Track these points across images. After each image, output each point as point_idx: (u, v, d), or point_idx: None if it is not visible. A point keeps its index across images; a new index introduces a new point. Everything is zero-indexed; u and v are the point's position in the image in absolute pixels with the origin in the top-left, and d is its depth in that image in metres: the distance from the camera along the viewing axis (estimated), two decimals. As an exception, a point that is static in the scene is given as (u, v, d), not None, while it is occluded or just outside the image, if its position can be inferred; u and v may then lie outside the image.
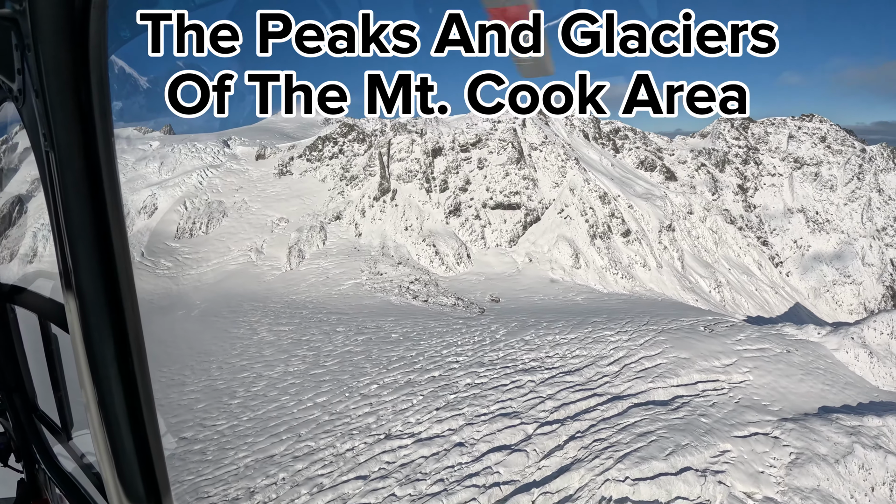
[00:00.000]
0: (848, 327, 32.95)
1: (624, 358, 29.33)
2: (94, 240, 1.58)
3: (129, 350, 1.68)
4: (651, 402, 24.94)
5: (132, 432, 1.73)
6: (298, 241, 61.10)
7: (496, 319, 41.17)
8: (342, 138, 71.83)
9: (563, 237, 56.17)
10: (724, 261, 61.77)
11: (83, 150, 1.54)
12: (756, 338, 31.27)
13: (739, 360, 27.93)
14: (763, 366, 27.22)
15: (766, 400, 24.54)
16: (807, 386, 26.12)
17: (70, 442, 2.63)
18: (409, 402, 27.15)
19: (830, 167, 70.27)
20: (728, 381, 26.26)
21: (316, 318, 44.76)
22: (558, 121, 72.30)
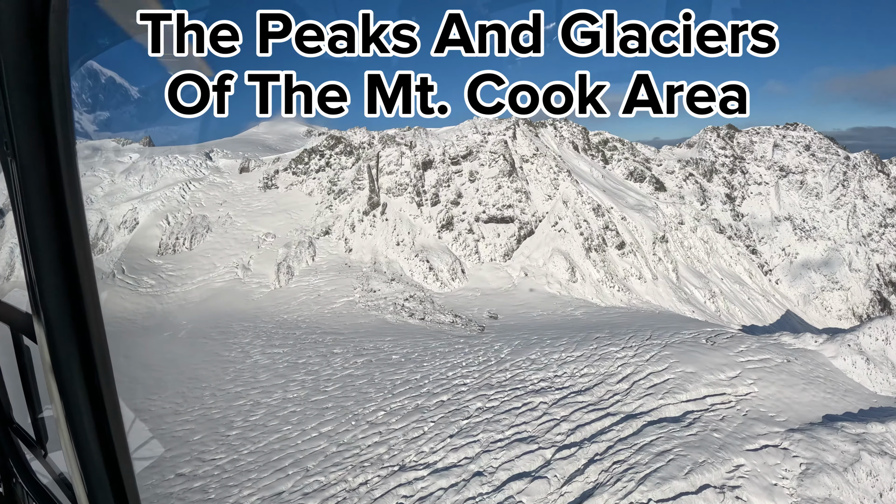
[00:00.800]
0: (844, 335, 33.30)
1: (632, 374, 29.14)
2: (57, 249, 1.57)
3: (94, 363, 1.66)
4: (664, 419, 24.91)
5: (101, 448, 1.73)
6: (287, 257, 59.60)
7: (498, 337, 40.40)
8: (329, 151, 70.53)
9: (558, 251, 55.64)
10: (716, 270, 61.94)
11: (45, 157, 1.52)
12: (756, 348, 31.42)
13: (743, 371, 28.13)
14: (766, 377, 27.44)
15: (773, 411, 24.77)
16: (809, 395, 26.41)
17: (46, 455, 2.60)
18: (420, 430, 26.25)
19: (815, 175, 71.17)
20: (734, 393, 26.37)
21: (311, 339, 43.46)
22: (547, 133, 72.00)
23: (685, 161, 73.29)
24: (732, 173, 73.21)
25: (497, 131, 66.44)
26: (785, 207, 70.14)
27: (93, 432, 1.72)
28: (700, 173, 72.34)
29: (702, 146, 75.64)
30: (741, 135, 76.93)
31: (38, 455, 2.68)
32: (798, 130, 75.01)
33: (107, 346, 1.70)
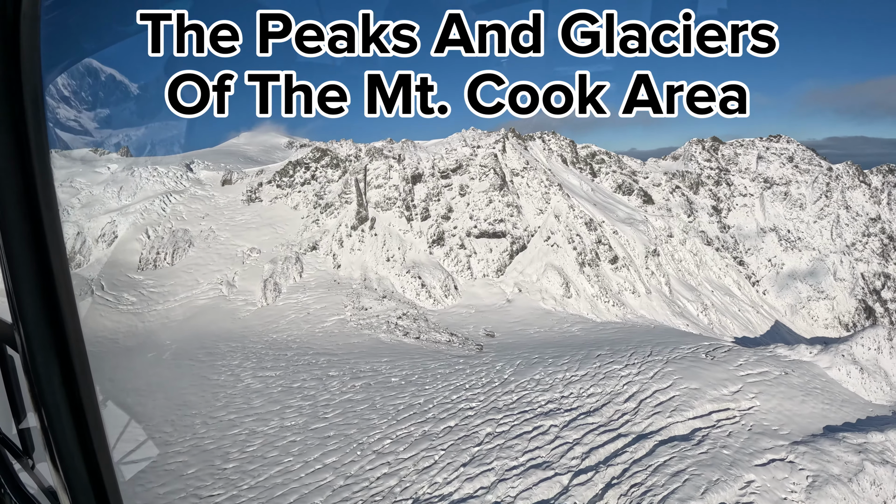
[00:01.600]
0: (837, 345, 34.32)
1: (638, 393, 29.09)
2: (33, 260, 1.57)
3: (74, 372, 1.66)
4: (674, 437, 25.13)
5: (83, 458, 1.74)
6: (273, 273, 57.97)
7: (498, 357, 39.59)
8: (314, 163, 69.15)
9: (551, 265, 55.10)
10: (706, 283, 62.16)
11: (18, 166, 1.52)
12: (754, 362, 31.91)
13: (744, 385, 28.55)
14: (766, 390, 27.91)
15: (776, 424, 25.25)
16: (809, 407, 27.08)
17: (34, 467, 2.52)
18: (430, 459, 25.41)
19: (799, 186, 72.23)
20: (738, 408, 26.78)
21: (304, 361, 42.01)
22: (536, 146, 71.69)
23: (671, 174, 73.74)
24: (718, 185, 73.91)
25: (486, 144, 65.88)
26: (770, 218, 70.97)
27: (75, 442, 1.70)
28: (686, 185, 72.87)
29: (687, 158, 76.26)
30: (725, 147, 77.83)
31: (25, 466, 2.61)
32: (781, 142, 76.14)
33: (86, 355, 1.68)
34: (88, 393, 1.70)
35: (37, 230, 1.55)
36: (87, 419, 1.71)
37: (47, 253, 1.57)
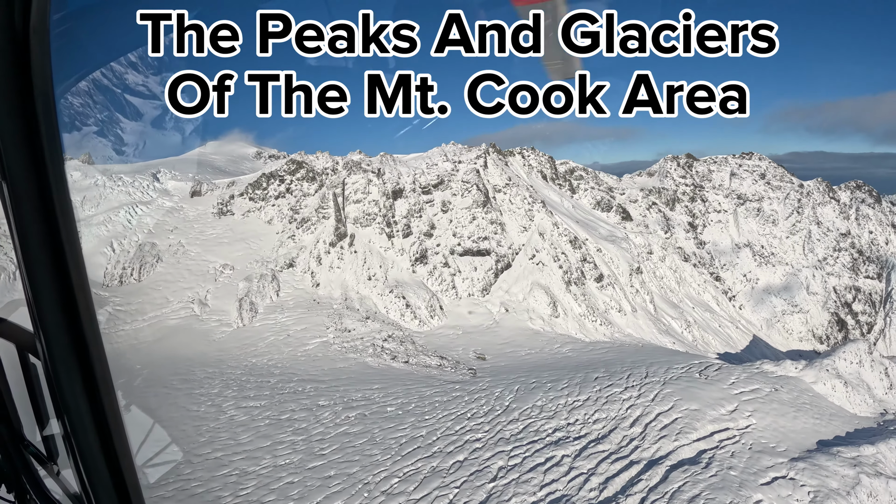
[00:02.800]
0: (822, 360, 35.10)
1: (642, 417, 28.84)
2: (52, 270, 1.60)
3: (95, 379, 1.69)
4: (683, 461, 25.07)
5: (107, 463, 1.76)
6: (249, 292, 55.41)
7: (494, 382, 38.41)
8: (289, 176, 66.74)
9: (537, 284, 54.34)
10: (687, 300, 62.62)
11: (35, 178, 1.54)
12: (745, 379, 32.13)
13: (740, 404, 28.75)
14: (760, 408, 28.23)
15: (773, 442, 25.50)
16: (801, 423, 27.51)
17: (59, 472, 2.58)
18: (445, 499, 23.95)
19: (771, 202, 73.89)
20: (736, 427, 26.87)
21: (289, 389, 39.82)
22: (516, 161, 71.09)
23: (647, 190, 74.35)
24: (693, 201, 74.94)
25: (468, 159, 64.85)
26: (744, 234, 72.28)
27: (97, 447, 1.72)
28: (663, 202, 73.57)
29: (662, 175, 77.12)
30: (699, 164, 79.11)
31: (50, 471, 2.63)
32: (753, 159, 77.88)
33: (107, 363, 1.70)
34: (110, 399, 1.70)
35: (54, 240, 1.56)
36: (110, 425, 1.71)
37: (65, 262, 1.58)
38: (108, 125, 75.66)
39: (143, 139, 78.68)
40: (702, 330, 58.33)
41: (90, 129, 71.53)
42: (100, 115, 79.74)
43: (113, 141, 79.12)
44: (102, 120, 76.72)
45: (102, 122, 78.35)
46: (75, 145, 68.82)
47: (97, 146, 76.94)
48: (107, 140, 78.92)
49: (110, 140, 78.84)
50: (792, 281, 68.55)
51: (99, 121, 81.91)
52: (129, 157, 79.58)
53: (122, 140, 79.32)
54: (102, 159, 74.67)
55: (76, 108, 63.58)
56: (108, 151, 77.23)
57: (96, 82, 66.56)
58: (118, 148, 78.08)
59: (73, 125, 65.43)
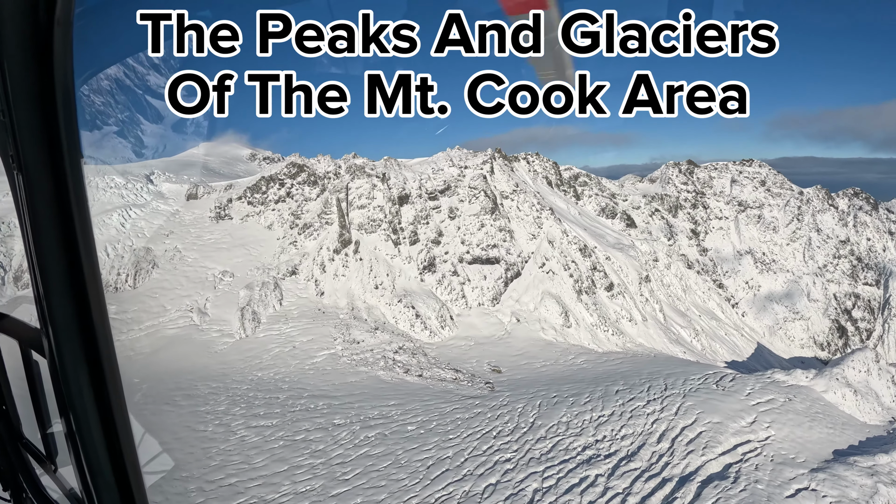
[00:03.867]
0: (831, 369, 35.33)
1: (668, 432, 28.41)
2: (64, 263, 1.58)
3: (103, 377, 1.68)
4: (712, 476, 24.84)
5: (111, 462, 1.76)
6: (250, 300, 53.78)
7: (514, 397, 37.47)
8: (290, 179, 65.06)
9: (548, 294, 53.54)
10: (693, 308, 62.43)
11: (51, 171, 1.53)
12: (760, 389, 31.88)
13: (758, 415, 28.59)
14: (777, 418, 28.08)
15: (792, 453, 25.39)
16: (816, 432, 27.33)
17: (56, 471, 2.56)
18: None
19: (771, 209, 74.18)
20: (757, 439, 26.69)
21: (300, 406, 38.41)
22: (521, 167, 70.24)
23: (650, 196, 74.13)
24: (695, 208, 74.92)
25: (474, 165, 63.78)
26: (745, 241, 72.43)
27: (102, 447, 1.71)
28: (665, 209, 73.38)
29: (664, 181, 76.96)
30: (700, 170, 79.13)
31: (48, 470, 2.60)
32: (753, 166, 78.16)
33: (116, 360, 1.70)
34: (118, 397, 1.69)
35: (68, 233, 1.54)
36: (116, 423, 1.70)
37: (79, 257, 1.56)
38: (105, 125, 73.40)
39: (141, 140, 76.55)
40: (709, 338, 58.14)
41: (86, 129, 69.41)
42: (89, 115, 77.78)
43: (109, 140, 77.11)
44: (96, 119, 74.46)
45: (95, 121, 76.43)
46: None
47: (93, 146, 74.76)
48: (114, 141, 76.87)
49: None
50: (793, 288, 68.85)
51: (87, 121, 79.82)
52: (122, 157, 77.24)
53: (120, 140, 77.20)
54: (93, 160, 72.26)
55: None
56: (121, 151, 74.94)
57: (90, 84, 64.53)
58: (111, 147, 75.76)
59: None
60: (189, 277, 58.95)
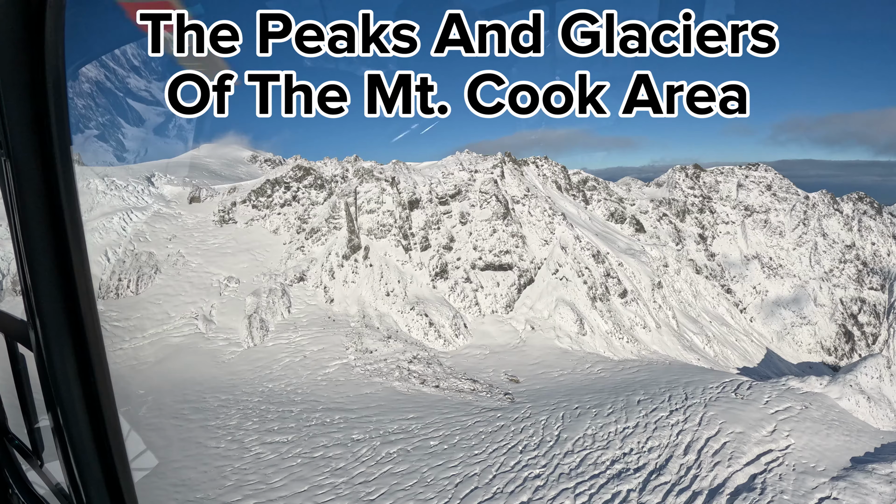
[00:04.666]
0: (844, 375, 35.33)
1: (693, 443, 28.32)
2: (53, 255, 1.54)
3: (91, 371, 1.64)
4: (738, 488, 24.88)
5: (98, 457, 1.72)
6: (258, 308, 52.64)
7: (536, 408, 36.78)
8: (296, 183, 63.90)
9: (562, 301, 52.84)
10: (704, 313, 62.07)
11: (40, 158, 1.49)
12: (777, 397, 31.90)
13: (777, 424, 28.65)
14: (796, 427, 28.14)
15: (812, 461, 25.53)
16: (833, 440, 27.35)
17: (42, 466, 2.53)
18: None
19: (777, 214, 74.05)
20: (778, 448, 26.79)
21: (315, 420, 37.41)
22: (530, 171, 69.51)
23: (657, 201, 73.72)
24: (702, 213, 74.63)
25: (484, 169, 62.95)
26: (752, 246, 72.25)
27: (90, 440, 1.67)
28: (673, 213, 73.02)
29: (671, 185, 76.60)
30: (706, 174, 78.86)
31: (34, 465, 2.56)
32: (759, 171, 78.00)
33: (104, 353, 1.65)
34: (106, 391, 1.65)
35: (57, 223, 1.50)
36: (104, 417, 1.66)
37: (67, 247, 1.51)
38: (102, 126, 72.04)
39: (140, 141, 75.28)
40: (720, 344, 57.82)
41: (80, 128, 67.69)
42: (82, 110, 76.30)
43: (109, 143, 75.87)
44: (92, 119, 72.95)
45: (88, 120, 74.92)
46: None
47: (88, 146, 73.26)
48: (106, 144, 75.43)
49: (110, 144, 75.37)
50: (800, 293, 68.76)
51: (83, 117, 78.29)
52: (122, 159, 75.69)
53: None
54: (93, 161, 70.65)
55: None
56: (105, 155, 73.36)
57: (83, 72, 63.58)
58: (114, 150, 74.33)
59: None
60: (193, 283, 57.68)
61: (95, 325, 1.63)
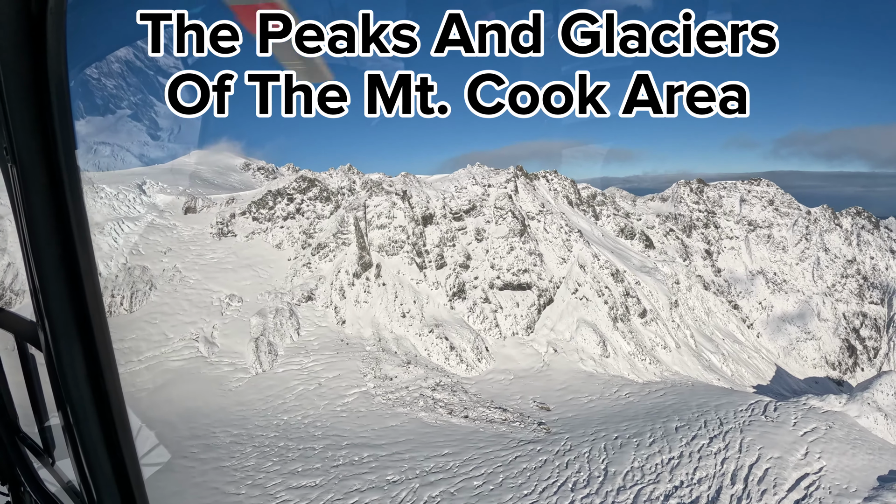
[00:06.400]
0: (862, 393, 36.11)
1: (738, 472, 28.28)
2: (59, 255, 1.58)
3: (100, 369, 1.68)
4: None
5: (108, 454, 1.75)
6: (264, 329, 49.91)
7: (574, 439, 35.31)
8: (299, 195, 61.15)
9: (584, 321, 51.47)
10: (717, 331, 61.61)
11: (45, 162, 1.53)
12: (802, 418, 32.07)
13: (808, 447, 28.98)
14: (825, 448, 28.42)
15: (844, 482, 25.91)
16: (859, 460, 27.65)
17: (53, 464, 2.52)
18: None
19: (780, 229, 74.33)
20: (813, 472, 27.13)
21: (343, 458, 34.96)
22: (541, 185, 68.02)
23: (664, 216, 73.17)
24: (707, 227, 74.43)
25: (497, 183, 61.20)
26: (756, 261, 72.32)
27: (100, 438, 1.72)
28: (680, 229, 72.55)
29: (677, 200, 76.19)
30: (710, 189, 78.75)
31: (45, 463, 2.57)
32: (762, 185, 78.25)
33: (112, 351, 1.70)
34: (115, 389, 1.69)
35: (63, 225, 1.54)
36: (113, 415, 1.70)
37: (74, 248, 1.56)
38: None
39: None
40: (735, 363, 57.35)
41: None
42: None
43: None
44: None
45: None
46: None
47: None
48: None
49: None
50: (805, 308, 69.06)
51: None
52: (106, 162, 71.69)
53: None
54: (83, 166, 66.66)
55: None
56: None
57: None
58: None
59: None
60: (192, 301, 54.54)
61: (103, 324, 1.61)
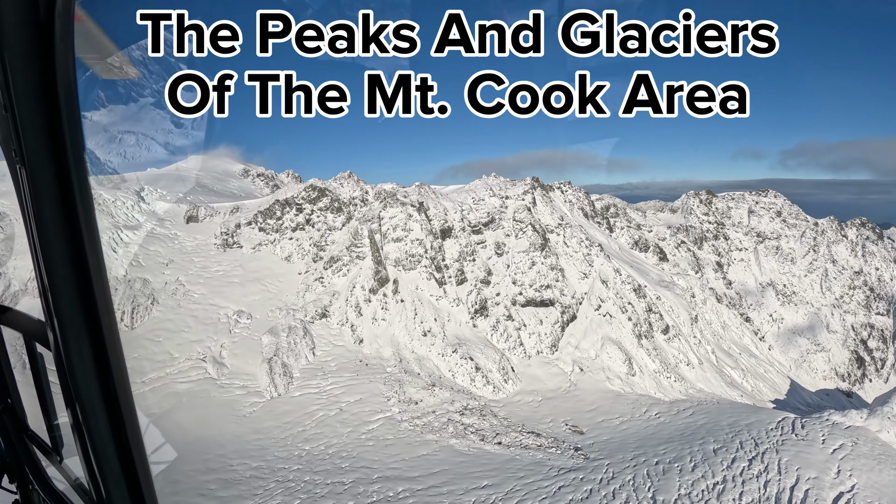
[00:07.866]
0: (881, 407, 35.94)
1: (780, 494, 28.57)
2: (69, 256, 1.59)
3: (109, 369, 1.69)
4: None
5: (117, 452, 1.76)
6: (278, 349, 47.71)
7: (615, 465, 34.21)
8: (309, 205, 58.91)
9: (608, 339, 50.28)
10: (734, 345, 61.03)
11: (54, 164, 1.54)
12: (829, 435, 32.39)
13: (839, 464, 29.22)
14: (854, 465, 28.70)
15: (874, 499, 26.13)
16: (885, 475, 27.94)
17: (61, 461, 2.54)
18: None
19: (788, 241, 74.22)
20: (847, 490, 27.39)
21: (375, 494, 33.08)
22: (556, 197, 66.69)
23: (675, 228, 72.51)
24: (717, 239, 74.01)
25: (515, 195, 59.70)
26: (766, 273, 72.07)
27: (109, 436, 1.73)
28: (691, 241, 71.94)
29: (687, 212, 75.61)
30: (718, 200, 78.38)
31: (53, 461, 2.59)
32: (769, 197, 78.11)
33: (121, 350, 1.71)
34: (124, 388, 1.70)
35: (72, 226, 1.55)
36: (122, 413, 1.71)
37: (83, 249, 1.57)
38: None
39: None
40: (753, 377, 56.81)
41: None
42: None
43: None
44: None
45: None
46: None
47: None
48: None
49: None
50: (814, 320, 69.00)
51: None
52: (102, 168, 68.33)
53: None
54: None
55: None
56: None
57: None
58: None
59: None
60: (197, 317, 52.00)
61: (112, 323, 1.61)
